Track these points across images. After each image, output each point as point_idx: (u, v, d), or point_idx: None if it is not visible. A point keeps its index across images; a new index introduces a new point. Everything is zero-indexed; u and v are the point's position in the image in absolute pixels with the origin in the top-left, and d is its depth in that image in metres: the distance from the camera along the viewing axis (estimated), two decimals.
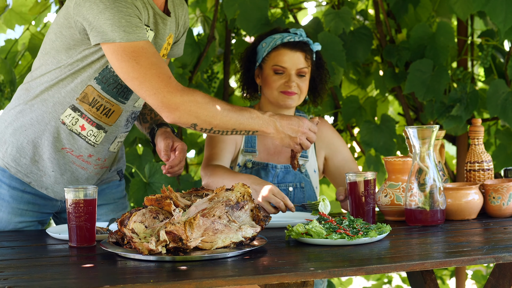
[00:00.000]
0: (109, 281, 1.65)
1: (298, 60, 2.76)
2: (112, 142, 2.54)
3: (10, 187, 2.53)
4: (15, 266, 1.86)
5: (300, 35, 2.81)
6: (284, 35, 2.79)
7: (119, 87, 2.41)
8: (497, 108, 3.60)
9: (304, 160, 2.85)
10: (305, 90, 2.79)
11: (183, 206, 2.01)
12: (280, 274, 1.68)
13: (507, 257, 1.88)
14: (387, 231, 2.09)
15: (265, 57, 2.80)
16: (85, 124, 2.45)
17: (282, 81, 2.76)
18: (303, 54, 2.77)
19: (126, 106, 2.48)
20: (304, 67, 2.77)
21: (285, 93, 2.75)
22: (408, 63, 3.78)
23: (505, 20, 3.30)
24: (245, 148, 2.83)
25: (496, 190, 2.51)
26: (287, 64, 2.75)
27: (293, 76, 2.75)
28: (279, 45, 2.77)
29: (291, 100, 2.76)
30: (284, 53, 2.76)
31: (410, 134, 2.34)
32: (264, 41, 2.82)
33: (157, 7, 2.37)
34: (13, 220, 2.52)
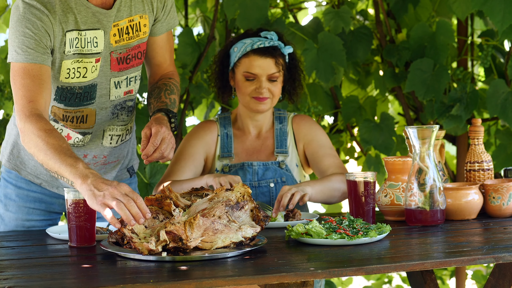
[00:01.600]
0: (109, 281, 1.65)
1: (268, 66, 2.76)
2: (103, 137, 2.54)
3: (16, 186, 2.57)
4: (15, 266, 1.87)
5: (270, 39, 2.80)
6: (254, 41, 2.78)
7: (79, 96, 2.41)
8: (497, 108, 3.60)
9: (284, 156, 2.86)
10: (278, 93, 2.80)
11: (183, 206, 2.01)
12: (280, 274, 1.68)
13: (507, 257, 1.88)
14: (387, 231, 2.09)
15: (236, 62, 2.80)
16: (70, 133, 2.48)
17: (253, 87, 2.76)
18: (273, 59, 2.77)
19: (97, 104, 2.46)
20: (275, 72, 2.77)
21: (256, 98, 2.77)
22: (408, 63, 3.78)
23: (503, 20, 3.30)
24: (221, 153, 2.85)
25: (496, 190, 2.51)
26: (257, 70, 2.75)
27: (264, 82, 2.76)
28: (249, 51, 2.77)
29: (263, 105, 2.78)
30: (254, 60, 2.76)
31: (410, 134, 2.34)
32: (235, 45, 2.82)
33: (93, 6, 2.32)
34: (20, 218, 2.55)
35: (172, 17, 2.56)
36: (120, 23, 2.39)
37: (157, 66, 2.62)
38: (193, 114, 4.13)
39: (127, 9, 2.40)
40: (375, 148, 3.79)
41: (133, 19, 2.42)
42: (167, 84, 2.56)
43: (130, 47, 2.44)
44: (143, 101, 3.79)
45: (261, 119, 2.88)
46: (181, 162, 2.81)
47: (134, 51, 2.46)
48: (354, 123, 4.01)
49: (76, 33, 2.32)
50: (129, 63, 2.46)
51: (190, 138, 2.87)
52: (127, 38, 2.42)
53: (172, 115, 2.40)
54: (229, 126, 2.89)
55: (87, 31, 2.34)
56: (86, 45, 2.34)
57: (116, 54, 2.41)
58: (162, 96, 2.50)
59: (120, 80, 2.47)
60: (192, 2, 4.08)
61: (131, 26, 2.42)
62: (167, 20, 2.53)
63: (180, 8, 3.97)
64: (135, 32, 2.43)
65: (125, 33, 2.41)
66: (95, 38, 2.35)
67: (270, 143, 2.88)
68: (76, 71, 2.36)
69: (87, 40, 2.34)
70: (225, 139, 2.87)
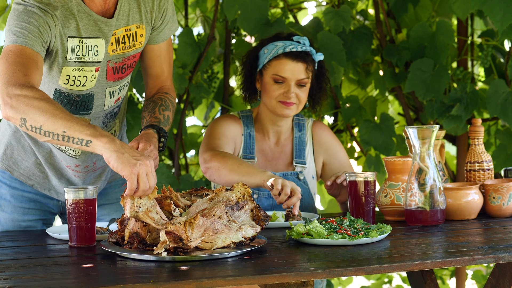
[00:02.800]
0: (109, 281, 1.65)
1: (298, 70, 2.72)
2: None
3: (11, 187, 2.54)
4: (15, 266, 1.86)
5: (303, 44, 2.76)
6: (286, 44, 2.74)
7: (76, 104, 2.38)
8: (497, 108, 3.60)
9: (302, 167, 2.84)
10: (304, 100, 2.75)
11: (183, 206, 2.01)
12: (280, 274, 1.68)
13: (507, 257, 1.88)
14: (388, 231, 2.09)
15: (265, 64, 2.75)
16: None
17: (281, 90, 2.72)
18: (304, 65, 2.73)
19: (92, 114, 2.43)
20: (304, 77, 2.72)
21: (283, 103, 2.72)
22: (408, 63, 3.78)
23: (502, 19, 3.30)
24: (244, 154, 2.81)
25: (496, 190, 2.51)
26: (287, 74, 2.71)
27: (292, 86, 2.71)
28: (281, 54, 2.72)
29: (289, 110, 2.73)
30: (285, 63, 2.71)
31: (410, 134, 2.34)
32: (266, 47, 2.77)
33: (95, 14, 2.29)
34: (16, 219, 2.54)
35: (170, 26, 2.51)
36: (117, 32, 2.35)
37: (154, 77, 2.56)
38: (193, 114, 4.13)
39: (125, 18, 2.37)
40: (375, 149, 3.79)
41: (130, 28, 2.38)
42: (162, 99, 2.51)
43: (126, 57, 2.40)
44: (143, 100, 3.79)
45: (283, 125, 2.83)
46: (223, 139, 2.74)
47: (129, 61, 2.43)
48: (354, 123, 4.01)
49: (78, 40, 2.29)
50: (124, 72, 2.43)
51: (222, 122, 2.80)
52: (123, 48, 2.38)
53: (163, 134, 2.36)
54: (251, 125, 2.84)
55: (88, 39, 2.30)
56: (87, 53, 2.31)
57: (112, 64, 2.38)
58: (156, 111, 2.45)
59: (114, 90, 2.44)
60: (192, 2, 4.08)
61: (128, 36, 2.38)
62: (165, 29, 2.49)
63: (180, 8, 3.97)
64: (132, 42, 2.39)
65: (122, 42, 2.37)
66: (96, 47, 2.32)
67: (289, 151, 2.85)
68: (77, 80, 2.33)
69: (88, 48, 2.31)
70: (248, 140, 2.82)
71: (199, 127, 4.22)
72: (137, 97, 3.78)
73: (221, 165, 2.57)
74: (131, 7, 2.37)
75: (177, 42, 3.72)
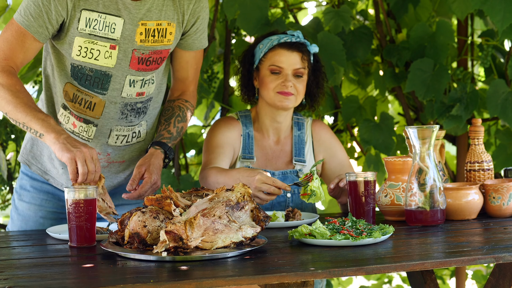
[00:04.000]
0: (109, 281, 1.65)
1: (294, 60, 2.75)
2: (109, 136, 2.56)
3: (31, 178, 2.64)
4: (15, 266, 1.87)
5: (297, 37, 2.80)
6: (281, 36, 2.79)
7: (90, 79, 2.45)
8: (497, 108, 3.60)
9: (302, 165, 2.85)
10: (302, 91, 2.78)
11: (183, 206, 2.01)
12: (280, 274, 1.68)
13: (507, 257, 1.88)
14: (390, 232, 2.08)
15: (262, 58, 2.79)
16: (75, 121, 2.51)
17: (279, 81, 2.74)
18: (300, 54, 2.76)
19: (108, 96, 2.49)
20: (301, 67, 2.76)
21: (281, 93, 2.74)
22: (408, 63, 3.78)
23: (503, 19, 3.29)
24: (242, 154, 2.82)
25: (496, 190, 2.51)
26: (283, 64, 2.74)
27: (289, 76, 2.74)
28: (276, 45, 2.77)
29: (288, 101, 2.75)
30: (281, 53, 2.75)
31: (410, 134, 2.34)
32: (261, 42, 2.82)
33: None
34: (33, 209, 2.61)
35: (203, 37, 2.60)
36: (148, 23, 2.42)
37: (179, 80, 2.67)
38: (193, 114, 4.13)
39: (158, 12, 2.44)
40: (375, 148, 3.79)
41: (161, 23, 2.45)
42: (181, 109, 2.63)
43: (153, 50, 2.47)
44: None
45: (282, 121, 2.84)
46: (217, 150, 2.77)
47: (156, 55, 2.49)
48: (354, 123, 4.01)
49: (97, 14, 2.36)
50: (148, 65, 2.49)
51: (218, 130, 2.84)
52: (152, 41, 2.45)
53: (168, 156, 2.52)
54: (250, 126, 2.86)
55: (108, 15, 2.37)
56: (103, 28, 2.38)
57: (138, 53, 2.44)
58: (171, 123, 2.59)
59: (135, 80, 2.49)
60: None
61: (158, 30, 2.45)
62: (199, 38, 2.58)
63: None
64: (160, 37, 2.46)
65: (151, 35, 2.44)
66: (113, 24, 2.38)
67: (288, 150, 2.86)
68: (89, 52, 2.40)
69: (106, 24, 2.38)
70: (247, 140, 2.84)
71: (199, 127, 4.22)
72: None
73: (208, 182, 2.63)
74: (165, 3, 2.45)
75: None
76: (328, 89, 3.90)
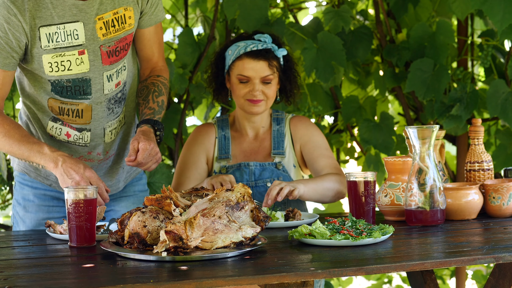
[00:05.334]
0: (109, 281, 1.65)
1: (261, 68, 2.77)
2: (104, 135, 2.56)
3: (33, 187, 2.62)
4: (15, 266, 1.86)
5: (264, 42, 2.81)
6: (247, 43, 2.80)
7: (70, 89, 2.45)
8: (497, 108, 3.60)
9: (281, 157, 2.87)
10: (272, 95, 2.81)
11: (183, 206, 2.01)
12: (280, 274, 1.68)
13: (507, 257, 1.88)
14: (390, 232, 2.08)
15: (230, 65, 2.82)
16: (69, 131, 2.51)
17: (247, 89, 2.78)
18: (266, 62, 2.78)
19: (93, 99, 2.49)
20: (268, 74, 2.78)
21: (250, 101, 2.79)
22: (408, 63, 3.78)
23: (502, 19, 3.29)
24: (219, 155, 2.87)
25: (496, 190, 2.51)
26: (250, 73, 2.77)
27: (257, 84, 2.77)
28: (242, 54, 2.79)
29: (257, 107, 2.80)
30: (247, 63, 2.77)
31: (410, 134, 2.34)
32: (230, 48, 2.84)
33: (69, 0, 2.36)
34: (41, 217, 2.59)
35: (159, 10, 2.58)
36: (104, 16, 2.41)
37: (145, 60, 2.65)
38: (193, 114, 4.13)
39: (111, 1, 2.42)
40: (375, 148, 3.79)
41: (118, 11, 2.44)
42: (155, 84, 2.59)
43: (117, 40, 2.46)
44: None
45: (258, 121, 2.90)
46: (186, 173, 2.84)
47: (121, 43, 2.48)
48: (354, 123, 4.01)
49: (55, 27, 2.35)
50: (118, 55, 2.48)
51: (190, 145, 2.90)
52: (113, 31, 2.44)
53: (158, 128, 2.48)
54: (226, 128, 2.91)
55: (66, 24, 2.36)
56: (66, 38, 2.37)
57: (105, 48, 2.43)
58: (150, 99, 2.55)
59: (111, 73, 2.49)
60: (192, 2, 4.08)
61: (116, 19, 2.44)
62: (154, 13, 2.56)
63: (180, 8, 3.97)
64: (121, 24, 2.45)
65: (111, 26, 2.43)
66: (75, 31, 2.37)
67: (268, 144, 2.90)
68: (60, 65, 2.39)
69: (67, 33, 2.37)
70: (223, 141, 2.88)
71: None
72: None
73: None
74: None
75: (177, 42, 3.72)
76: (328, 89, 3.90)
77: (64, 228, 2.25)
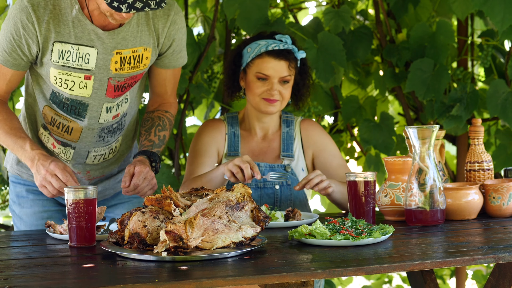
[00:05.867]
0: (109, 281, 1.65)
1: (281, 68, 2.77)
2: (87, 157, 2.59)
3: (25, 184, 2.65)
4: (15, 266, 1.86)
5: (285, 43, 2.81)
6: (269, 42, 2.80)
7: (67, 106, 2.46)
8: (497, 108, 3.60)
9: (290, 160, 2.87)
10: (287, 96, 2.81)
11: (183, 206, 2.01)
12: (280, 274, 1.68)
13: (507, 257, 1.88)
14: (390, 232, 2.08)
15: (249, 62, 2.81)
16: (54, 142, 2.56)
17: (265, 88, 2.77)
18: (287, 62, 2.78)
19: (85, 123, 2.50)
20: (287, 75, 2.78)
21: (267, 100, 2.78)
22: (408, 63, 3.78)
23: (503, 20, 3.30)
24: (228, 152, 2.86)
25: (496, 190, 2.51)
26: (270, 72, 2.77)
27: (275, 84, 2.77)
28: (263, 52, 2.78)
29: (273, 107, 2.79)
30: (268, 61, 2.77)
31: (410, 134, 2.34)
32: (249, 46, 2.83)
33: (91, 25, 2.36)
34: (36, 211, 2.60)
35: (182, 56, 2.60)
36: (123, 52, 2.42)
37: (157, 95, 2.67)
38: (193, 114, 4.13)
39: (133, 39, 2.42)
40: (375, 148, 3.79)
41: (137, 50, 2.45)
42: (161, 119, 2.61)
43: (128, 77, 2.47)
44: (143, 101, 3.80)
45: (268, 121, 2.89)
46: (197, 160, 2.82)
47: (131, 81, 2.50)
48: (354, 123, 4.01)
49: (70, 46, 2.36)
50: (123, 90, 2.50)
51: (201, 136, 2.88)
52: (128, 68, 2.45)
53: (154, 159, 2.49)
54: (236, 125, 2.90)
55: (81, 47, 2.37)
56: (77, 59, 2.38)
57: (114, 81, 2.44)
58: (152, 132, 2.57)
59: (112, 105, 2.50)
60: (192, 2, 4.08)
61: (134, 57, 2.45)
62: (176, 58, 2.58)
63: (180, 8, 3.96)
64: (136, 63, 2.47)
65: (127, 62, 2.44)
66: (87, 55, 2.38)
67: (276, 146, 2.89)
68: (63, 82, 2.41)
69: (79, 55, 2.37)
70: (232, 138, 2.87)
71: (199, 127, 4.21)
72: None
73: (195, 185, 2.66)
74: (139, 29, 2.43)
75: None
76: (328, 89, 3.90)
77: (64, 228, 2.25)
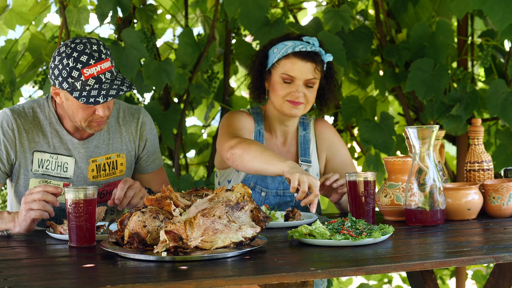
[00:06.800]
0: (109, 281, 1.65)
1: (307, 70, 2.71)
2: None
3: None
4: (15, 266, 1.87)
5: (312, 45, 2.76)
6: (296, 43, 2.74)
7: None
8: (497, 108, 3.60)
9: (308, 165, 2.84)
10: (312, 100, 2.75)
11: (183, 206, 2.01)
12: (280, 274, 1.68)
13: (507, 257, 1.88)
14: (390, 232, 2.08)
15: (275, 63, 2.75)
16: None
17: (290, 90, 2.71)
18: (313, 65, 2.72)
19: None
20: (313, 78, 2.72)
21: (291, 102, 2.71)
22: (408, 63, 3.78)
23: (502, 19, 3.29)
24: None
25: (496, 190, 2.51)
26: (296, 73, 2.71)
27: (301, 86, 2.71)
28: (290, 53, 2.72)
29: (297, 110, 2.73)
30: (294, 62, 2.71)
31: (410, 134, 2.34)
32: (276, 46, 2.77)
33: (68, 135, 2.48)
34: None
35: (157, 158, 2.69)
36: (98, 159, 2.54)
37: None
38: (193, 114, 4.13)
39: (105, 146, 2.55)
40: (375, 148, 3.79)
41: (110, 156, 2.57)
42: None
43: (106, 183, 2.56)
44: (143, 101, 3.79)
45: (291, 125, 2.84)
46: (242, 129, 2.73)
47: (109, 188, 2.58)
48: (354, 123, 4.01)
49: (48, 155, 2.48)
50: (102, 198, 2.58)
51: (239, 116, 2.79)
52: (104, 175, 2.57)
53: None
54: (261, 123, 2.84)
55: (59, 156, 2.49)
56: (56, 168, 2.49)
57: None
58: None
59: None
60: (192, 2, 4.08)
61: (108, 164, 2.56)
62: (152, 160, 2.67)
63: (180, 8, 3.97)
64: (112, 170, 2.57)
65: (102, 169, 2.55)
66: (65, 164, 2.50)
67: (293, 150, 2.86)
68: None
69: (58, 164, 2.49)
70: (258, 137, 2.82)
71: (199, 127, 4.22)
72: (137, 97, 3.78)
73: (245, 151, 2.52)
74: (111, 137, 2.57)
75: (177, 42, 3.71)
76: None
77: (64, 228, 2.25)
